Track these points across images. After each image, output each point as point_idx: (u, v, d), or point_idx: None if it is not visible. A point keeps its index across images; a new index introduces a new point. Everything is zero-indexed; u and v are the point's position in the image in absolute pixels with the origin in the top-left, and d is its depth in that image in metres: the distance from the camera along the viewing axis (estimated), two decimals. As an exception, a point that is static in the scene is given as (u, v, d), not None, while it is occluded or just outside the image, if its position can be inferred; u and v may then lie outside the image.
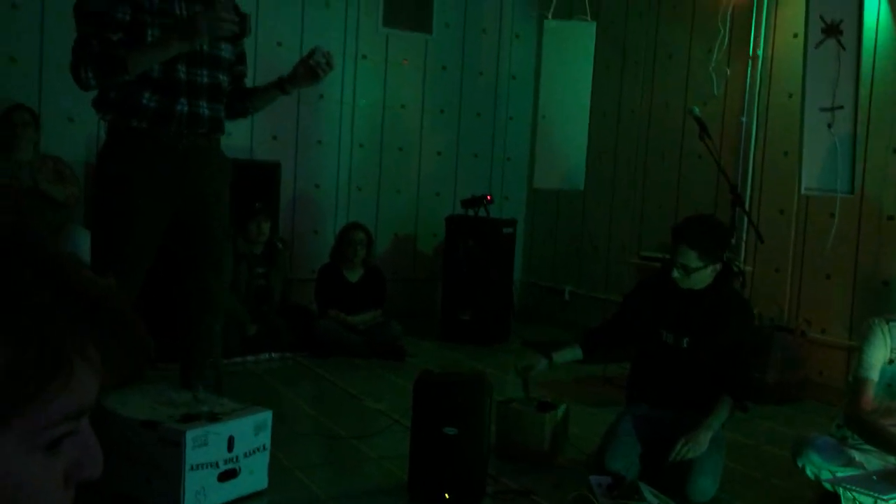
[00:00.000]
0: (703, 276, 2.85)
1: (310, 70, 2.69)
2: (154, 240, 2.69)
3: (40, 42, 4.72)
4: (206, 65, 2.66)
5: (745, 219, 4.33)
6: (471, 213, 5.41)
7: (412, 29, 5.85)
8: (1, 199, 4.19)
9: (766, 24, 4.60)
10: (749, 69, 4.67)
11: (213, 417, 2.50)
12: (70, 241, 4.15)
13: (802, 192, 3.55)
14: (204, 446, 2.42)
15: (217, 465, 2.47)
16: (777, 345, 3.99)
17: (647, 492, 2.56)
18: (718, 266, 2.87)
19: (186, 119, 2.63)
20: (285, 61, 5.44)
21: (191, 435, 2.38)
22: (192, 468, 2.39)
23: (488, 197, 5.39)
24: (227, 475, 2.50)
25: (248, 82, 3.02)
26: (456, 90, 6.12)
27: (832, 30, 3.47)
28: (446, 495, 2.57)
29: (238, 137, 4.88)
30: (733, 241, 4.16)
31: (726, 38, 4.73)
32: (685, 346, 2.91)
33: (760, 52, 4.62)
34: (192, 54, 2.59)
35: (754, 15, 4.63)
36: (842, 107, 3.47)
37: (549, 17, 4.99)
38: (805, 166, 3.46)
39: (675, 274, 2.85)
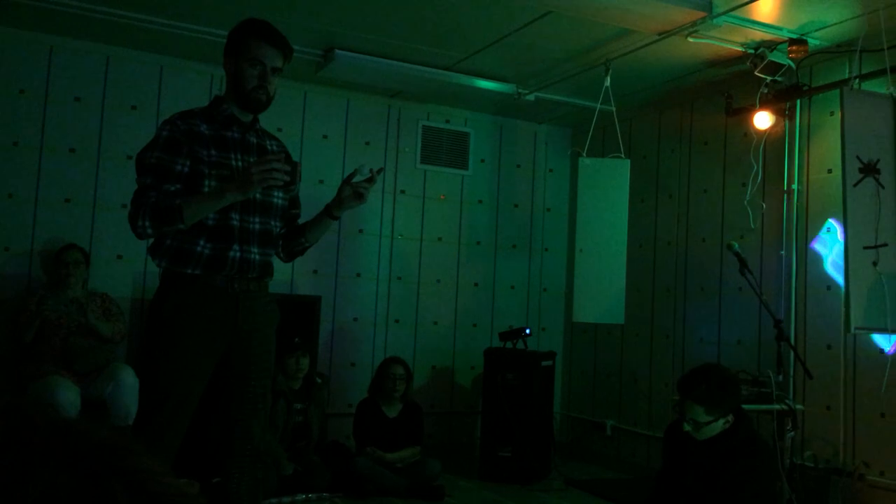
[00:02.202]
0: (715, 428, 2.84)
1: (355, 189, 2.74)
2: (202, 382, 2.70)
3: (95, 185, 4.94)
4: (258, 212, 2.74)
5: (792, 354, 4.25)
6: (509, 345, 5.38)
7: (449, 166, 6.03)
8: (53, 333, 4.26)
9: (798, 159, 4.67)
10: (785, 203, 4.70)
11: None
12: (114, 378, 4.18)
13: (852, 331, 3.49)
14: None
15: None
16: (834, 489, 3.81)
17: None
18: (731, 418, 2.84)
19: (238, 264, 2.68)
20: (326, 197, 5.64)
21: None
22: None
23: (527, 330, 5.38)
24: None
25: None
26: (492, 223, 6.23)
27: (869, 169, 3.51)
28: None
29: (279, 272, 4.97)
30: (780, 377, 4.07)
31: (760, 173, 4.79)
32: (706, 494, 2.84)
33: (795, 187, 4.66)
34: (245, 202, 2.67)
35: (787, 150, 4.71)
36: (885, 244, 3.46)
37: (584, 153, 5.12)
38: (853, 305, 3.42)
39: (686, 428, 2.85)
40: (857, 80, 4.05)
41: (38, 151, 4.82)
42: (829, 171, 4.44)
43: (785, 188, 4.71)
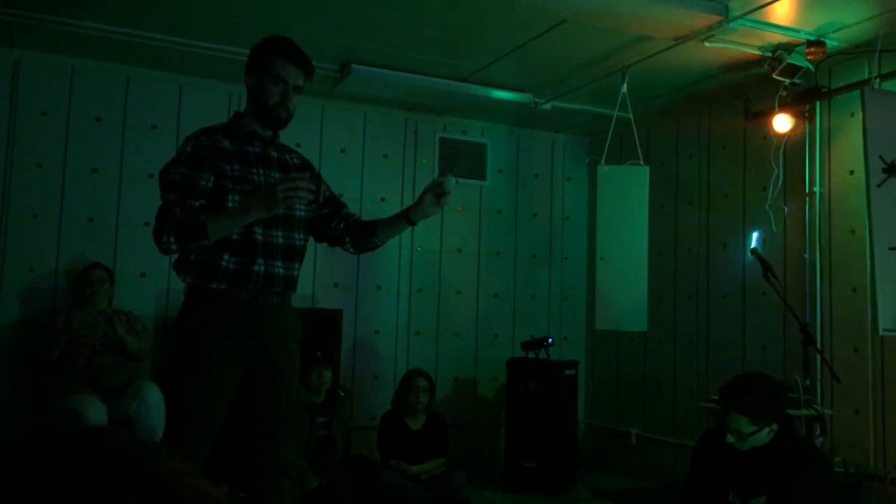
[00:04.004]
0: (760, 438, 2.73)
1: (437, 199, 2.73)
2: (227, 397, 2.71)
3: (117, 204, 4.99)
4: (281, 226, 2.75)
5: (819, 358, 4.20)
6: (531, 355, 5.36)
7: (467, 177, 6.03)
8: (79, 351, 4.29)
9: (820, 161, 4.63)
10: (807, 206, 4.66)
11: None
12: (139, 395, 4.20)
13: (880, 333, 3.44)
14: None
15: None
16: (866, 494, 3.75)
17: None
18: (775, 426, 2.74)
19: (263, 278, 2.70)
20: (345, 211, 5.69)
21: None
22: None
23: (549, 339, 5.36)
24: None
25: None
26: (511, 233, 6.22)
27: (892, 169, 3.48)
28: None
29: (300, 285, 5.00)
30: (807, 382, 4.02)
31: (781, 176, 4.75)
32: None
33: (817, 189, 4.62)
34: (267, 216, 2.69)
35: (807, 152, 4.67)
36: (911, 244, 3.42)
37: (602, 161, 5.11)
38: (880, 306, 3.37)
39: (730, 438, 2.74)
40: (877, 80, 4.01)
41: (61, 172, 4.88)
42: (851, 172, 4.40)
43: (806, 191, 4.67)
